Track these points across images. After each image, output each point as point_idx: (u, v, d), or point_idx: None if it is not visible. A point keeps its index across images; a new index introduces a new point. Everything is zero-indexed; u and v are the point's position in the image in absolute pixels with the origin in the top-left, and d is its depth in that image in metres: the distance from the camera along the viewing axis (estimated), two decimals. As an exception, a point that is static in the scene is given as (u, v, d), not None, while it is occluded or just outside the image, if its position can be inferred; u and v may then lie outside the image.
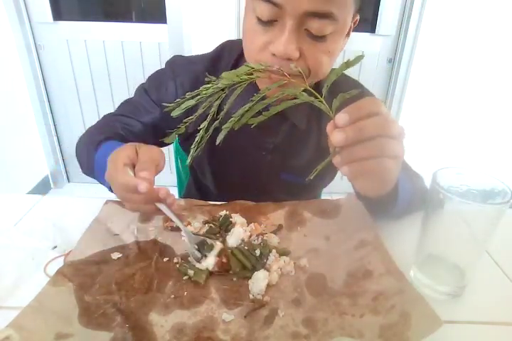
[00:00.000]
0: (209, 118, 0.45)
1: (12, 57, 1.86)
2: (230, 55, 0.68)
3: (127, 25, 1.92)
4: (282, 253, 0.52)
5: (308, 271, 0.50)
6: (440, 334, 0.36)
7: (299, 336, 0.40)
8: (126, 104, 0.74)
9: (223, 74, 0.46)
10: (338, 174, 0.79)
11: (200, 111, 0.47)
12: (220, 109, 0.50)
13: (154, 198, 0.47)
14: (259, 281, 0.46)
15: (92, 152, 0.60)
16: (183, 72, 0.69)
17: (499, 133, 2.01)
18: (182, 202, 0.62)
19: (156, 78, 0.72)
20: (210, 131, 0.45)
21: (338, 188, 1.10)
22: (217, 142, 0.46)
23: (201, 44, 1.81)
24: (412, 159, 0.67)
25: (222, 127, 0.46)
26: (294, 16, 0.49)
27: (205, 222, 0.57)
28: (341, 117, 0.38)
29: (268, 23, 0.52)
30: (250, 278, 0.47)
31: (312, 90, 0.43)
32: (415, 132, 2.00)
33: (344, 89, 0.44)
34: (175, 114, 0.47)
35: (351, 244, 0.52)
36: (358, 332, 0.39)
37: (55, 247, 0.51)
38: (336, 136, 0.38)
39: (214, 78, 0.47)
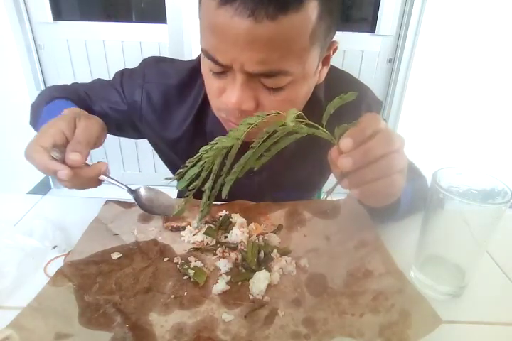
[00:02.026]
0: (212, 176, 0.41)
1: (12, 57, 1.86)
2: None
3: (127, 25, 1.92)
4: (283, 252, 0.52)
5: (308, 271, 0.50)
6: (440, 334, 0.36)
7: (298, 336, 0.40)
8: (97, 83, 0.73)
9: (223, 139, 0.41)
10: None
11: (203, 174, 0.42)
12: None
13: (92, 177, 0.45)
14: (260, 281, 0.46)
15: (43, 104, 0.59)
16: (153, 82, 0.67)
17: (499, 134, 2.00)
18: (182, 202, 0.62)
19: (132, 74, 0.69)
20: (217, 188, 0.42)
21: (338, 188, 1.09)
22: (223, 196, 0.43)
23: (201, 44, 1.81)
24: (412, 159, 0.68)
25: (225, 180, 0.43)
26: (242, 73, 0.46)
27: (205, 222, 0.57)
28: (346, 143, 0.38)
29: (220, 73, 0.49)
30: (251, 278, 0.47)
31: (311, 122, 0.41)
32: (415, 132, 2.00)
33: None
34: (181, 187, 0.42)
35: (351, 244, 0.52)
36: (358, 331, 0.39)
37: (55, 247, 0.51)
38: (343, 162, 0.38)
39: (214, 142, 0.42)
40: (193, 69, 0.65)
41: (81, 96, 0.69)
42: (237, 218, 0.57)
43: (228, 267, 0.49)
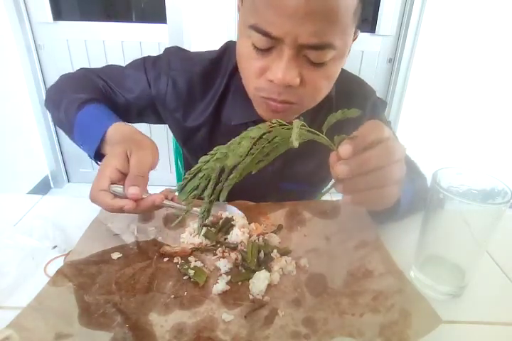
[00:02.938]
0: (211, 184, 0.41)
1: (12, 57, 1.86)
2: (230, 58, 0.67)
3: (127, 25, 1.92)
4: (283, 252, 0.52)
5: (308, 271, 0.50)
6: (440, 334, 0.36)
7: (298, 336, 0.40)
8: (116, 71, 0.72)
9: (222, 149, 0.40)
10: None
11: (202, 183, 0.42)
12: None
13: (150, 207, 0.47)
14: (260, 281, 0.46)
15: (73, 110, 0.59)
16: (179, 70, 0.68)
17: (499, 134, 2.01)
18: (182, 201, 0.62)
19: (156, 63, 0.69)
20: (216, 194, 0.41)
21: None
22: (222, 200, 0.42)
23: (201, 44, 1.81)
24: (413, 159, 0.68)
25: (224, 185, 0.42)
26: (292, 47, 0.47)
27: (203, 225, 0.57)
28: (345, 149, 0.37)
29: (265, 50, 0.50)
30: (251, 278, 0.47)
31: (311, 129, 0.40)
32: (415, 132, 2.00)
33: (357, 100, 0.41)
34: (182, 199, 0.42)
35: (351, 244, 0.52)
36: (358, 331, 0.39)
37: (55, 247, 0.51)
38: (339, 169, 0.38)
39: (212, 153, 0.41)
40: (215, 60, 0.67)
41: (103, 91, 0.68)
42: (239, 220, 0.57)
43: (228, 267, 0.49)
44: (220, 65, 0.67)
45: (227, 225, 0.56)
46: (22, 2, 1.82)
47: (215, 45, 0.72)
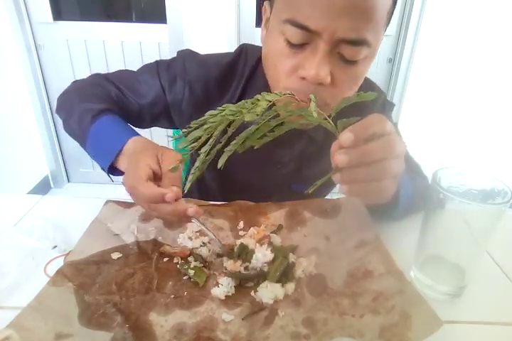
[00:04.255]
0: (211, 141, 0.40)
1: (12, 57, 1.86)
2: (247, 61, 0.66)
3: (127, 25, 1.92)
4: (290, 250, 0.52)
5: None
6: (440, 334, 0.36)
7: (298, 336, 0.39)
8: (128, 76, 0.70)
9: (246, 115, 0.39)
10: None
11: (203, 137, 0.41)
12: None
13: (181, 211, 0.46)
14: (274, 293, 0.44)
15: (87, 121, 0.58)
16: (195, 74, 0.66)
17: (499, 134, 2.00)
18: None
19: (170, 67, 0.68)
20: (212, 154, 0.41)
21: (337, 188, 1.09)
22: (219, 166, 0.42)
23: (201, 44, 1.81)
24: (416, 160, 0.68)
25: (224, 150, 0.42)
26: (329, 42, 0.47)
27: (218, 256, 0.52)
28: (346, 137, 0.37)
29: (298, 46, 0.49)
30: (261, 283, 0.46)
31: (320, 111, 0.40)
32: (415, 132, 2.00)
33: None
34: (181, 146, 0.41)
35: (351, 244, 0.52)
36: (358, 332, 0.39)
37: (55, 247, 0.51)
38: (338, 158, 0.37)
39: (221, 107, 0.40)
40: (231, 63, 0.66)
41: (115, 99, 0.67)
42: (249, 241, 0.52)
43: (231, 286, 0.46)
44: (237, 68, 0.66)
45: (244, 251, 0.50)
46: (22, 2, 1.82)
47: (215, 45, 0.72)
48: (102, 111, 0.59)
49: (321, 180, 0.43)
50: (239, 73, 0.66)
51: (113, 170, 0.56)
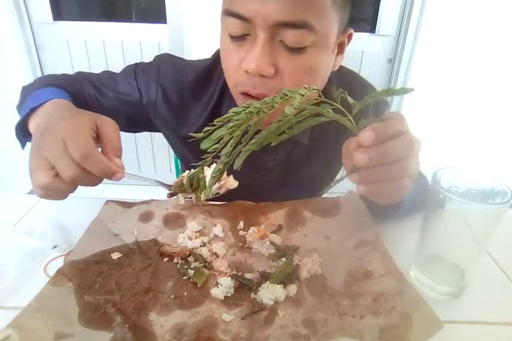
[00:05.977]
0: (232, 142, 0.38)
1: (12, 57, 1.85)
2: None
3: (127, 25, 1.92)
4: (293, 249, 0.52)
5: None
6: (440, 334, 0.36)
7: (298, 336, 0.39)
8: (108, 76, 0.70)
9: (256, 104, 0.38)
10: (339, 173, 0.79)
11: (226, 137, 0.39)
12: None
13: (110, 174, 0.43)
14: (274, 295, 0.44)
15: (33, 89, 0.57)
16: (170, 78, 0.66)
17: (499, 134, 2.00)
18: (182, 201, 0.62)
19: (146, 70, 0.68)
20: (234, 155, 0.39)
21: (338, 187, 1.09)
22: (236, 167, 0.40)
23: (201, 44, 1.81)
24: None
25: (242, 150, 0.40)
26: (265, 28, 0.45)
27: (172, 195, 0.52)
28: (367, 136, 0.36)
29: (240, 39, 0.48)
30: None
31: (342, 108, 0.39)
32: (415, 132, 2.00)
33: (359, 98, 0.40)
34: (205, 146, 0.39)
35: (351, 244, 0.52)
36: (358, 333, 0.39)
37: (55, 247, 0.51)
38: (359, 156, 0.37)
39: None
40: (208, 68, 0.67)
41: (86, 97, 0.67)
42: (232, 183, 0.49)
43: (233, 289, 0.46)
44: (214, 72, 0.66)
45: (196, 180, 0.47)
46: (22, 2, 1.82)
47: (215, 45, 0.72)
48: (51, 85, 0.58)
49: (335, 181, 0.42)
50: (216, 77, 0.66)
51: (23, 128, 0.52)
